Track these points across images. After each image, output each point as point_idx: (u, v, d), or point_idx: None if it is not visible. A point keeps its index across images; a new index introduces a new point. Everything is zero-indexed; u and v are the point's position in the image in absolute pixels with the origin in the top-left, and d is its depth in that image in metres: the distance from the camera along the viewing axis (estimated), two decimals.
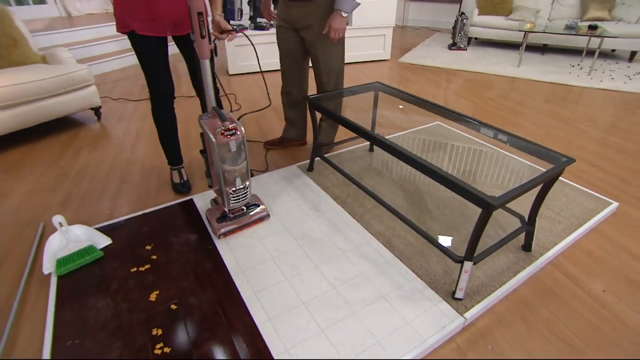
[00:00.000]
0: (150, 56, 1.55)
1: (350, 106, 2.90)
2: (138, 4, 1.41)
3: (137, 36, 1.48)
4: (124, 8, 1.44)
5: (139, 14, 1.44)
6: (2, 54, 2.38)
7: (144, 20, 1.45)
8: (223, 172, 1.34)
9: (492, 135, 1.46)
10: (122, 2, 1.43)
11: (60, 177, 2.07)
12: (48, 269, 1.39)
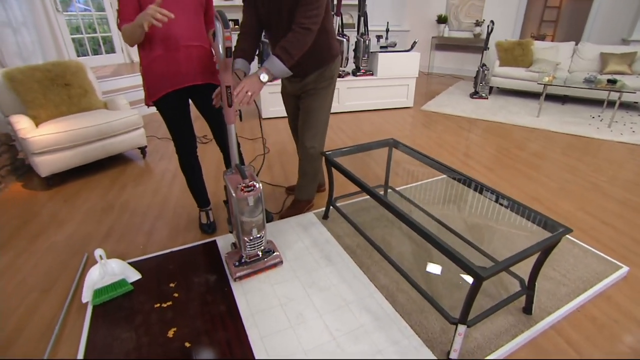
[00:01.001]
0: (174, 112, 1.69)
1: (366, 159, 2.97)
2: (161, 66, 1.55)
3: (162, 100, 1.63)
4: (152, 76, 1.58)
5: (162, 75, 1.57)
6: (74, 102, 2.66)
7: (166, 78, 1.58)
8: (241, 222, 1.43)
9: (494, 199, 1.47)
10: (150, 71, 1.57)
11: (107, 209, 2.24)
12: (86, 298, 1.51)
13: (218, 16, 1.17)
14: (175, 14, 1.52)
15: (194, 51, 1.61)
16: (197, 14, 1.62)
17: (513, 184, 2.55)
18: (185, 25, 1.57)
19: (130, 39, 1.48)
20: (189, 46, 1.59)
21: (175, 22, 1.53)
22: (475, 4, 6.22)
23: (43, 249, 1.90)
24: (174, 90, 1.62)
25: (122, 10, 1.49)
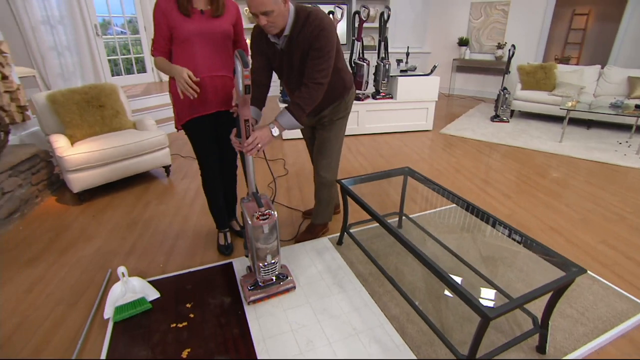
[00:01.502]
0: (201, 136, 1.79)
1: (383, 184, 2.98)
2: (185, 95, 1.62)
3: (190, 122, 1.73)
4: (181, 102, 1.69)
5: (189, 102, 1.68)
6: (106, 123, 2.83)
7: (193, 105, 1.69)
8: (256, 249, 1.48)
9: (507, 234, 1.46)
10: (179, 97, 1.66)
11: (131, 226, 2.34)
12: (108, 314, 1.58)
13: (238, 56, 1.24)
14: (202, 46, 1.63)
15: (219, 81, 1.71)
16: (225, 45, 1.71)
17: (531, 212, 2.50)
18: (212, 56, 1.67)
19: (161, 71, 1.65)
20: (214, 76, 1.69)
21: (202, 54, 1.64)
22: (497, 26, 6.22)
23: (71, 262, 2.00)
24: (200, 116, 1.73)
25: (156, 41, 1.63)
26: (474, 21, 6.39)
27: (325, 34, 1.48)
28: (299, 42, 1.53)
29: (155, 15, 1.59)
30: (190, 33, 1.59)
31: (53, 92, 2.73)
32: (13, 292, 1.78)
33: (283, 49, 1.60)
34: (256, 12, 1.40)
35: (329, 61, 1.53)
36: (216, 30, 1.64)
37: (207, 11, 1.62)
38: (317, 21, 1.48)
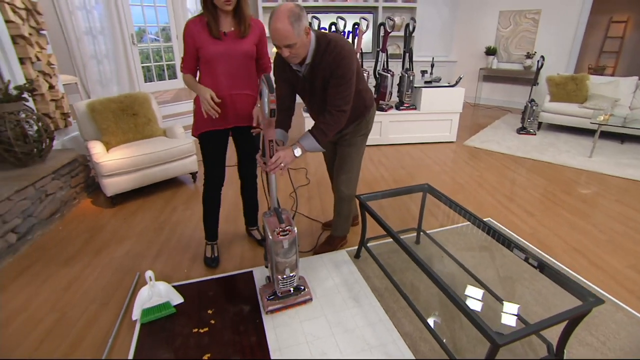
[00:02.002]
0: (212, 148, 1.87)
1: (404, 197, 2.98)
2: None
3: (206, 134, 1.82)
4: (200, 114, 1.78)
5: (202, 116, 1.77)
6: (139, 130, 2.99)
7: (210, 119, 1.76)
8: (276, 262, 1.54)
9: (523, 258, 1.46)
10: (199, 109, 1.77)
11: (158, 230, 2.47)
12: (135, 316, 1.68)
13: (265, 80, 1.31)
14: (225, 66, 1.72)
15: (239, 99, 1.79)
16: (246, 65, 1.78)
17: (555, 232, 2.44)
18: (234, 75, 1.75)
19: (189, 87, 1.77)
20: (235, 94, 1.77)
21: (225, 73, 1.72)
22: (527, 35, 6.07)
23: (103, 263, 2.14)
24: (216, 129, 1.82)
25: (185, 59, 1.75)
26: (503, 30, 6.27)
27: (345, 63, 1.53)
28: (320, 69, 1.58)
29: (185, 37, 1.69)
30: (215, 54, 1.68)
31: (92, 100, 2.91)
32: (53, 289, 1.93)
33: (305, 76, 1.65)
34: (279, 45, 1.45)
35: (350, 88, 1.58)
36: (239, 51, 1.71)
37: (233, 33, 1.69)
38: (338, 49, 1.53)
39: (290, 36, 1.41)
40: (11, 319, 1.73)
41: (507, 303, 1.70)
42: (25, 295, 1.89)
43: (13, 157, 2.49)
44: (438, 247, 2.13)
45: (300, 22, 1.41)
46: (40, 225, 2.46)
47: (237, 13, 1.67)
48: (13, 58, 2.70)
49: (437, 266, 2.04)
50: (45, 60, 3.00)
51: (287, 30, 1.39)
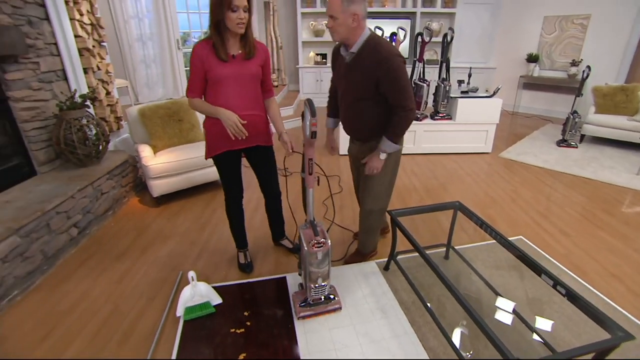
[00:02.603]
0: (228, 168, 1.97)
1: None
2: (220, 130, 1.78)
3: (220, 155, 1.90)
4: (212, 136, 1.86)
5: (219, 137, 1.84)
6: (183, 135, 3.20)
7: (222, 140, 1.84)
8: (309, 272, 1.65)
9: (552, 284, 1.48)
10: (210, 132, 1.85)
11: (199, 231, 2.65)
12: (179, 313, 1.85)
13: (307, 104, 1.42)
14: (234, 87, 1.78)
15: (248, 119, 1.81)
16: (254, 86, 1.86)
17: (591, 255, 2.39)
18: (242, 97, 1.81)
19: (199, 111, 1.84)
20: (243, 115, 1.80)
21: (233, 95, 1.78)
22: (573, 42, 5.83)
23: (150, 261, 2.34)
24: (229, 150, 1.89)
25: (192, 83, 1.77)
26: (547, 36, 6.05)
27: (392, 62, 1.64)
28: (362, 62, 1.71)
29: (193, 60, 1.71)
30: (223, 76, 1.73)
31: (142, 106, 3.15)
32: (107, 282, 2.14)
33: (349, 63, 1.78)
34: (327, 14, 1.65)
35: (404, 83, 1.68)
36: (247, 72, 1.79)
37: (240, 55, 1.76)
38: (384, 53, 1.65)
39: (336, 9, 1.59)
40: (74, 307, 1.95)
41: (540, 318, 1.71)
42: (84, 285, 2.12)
43: (75, 158, 2.76)
44: (466, 264, 2.15)
45: (350, 4, 1.59)
46: (96, 221, 2.72)
47: (244, 36, 1.74)
48: (79, 69, 2.98)
49: (464, 283, 2.07)
50: (105, 69, 3.28)
51: (336, 4, 1.59)
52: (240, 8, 1.61)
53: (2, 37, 2.27)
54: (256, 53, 1.81)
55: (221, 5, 1.60)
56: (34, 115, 2.64)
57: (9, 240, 1.99)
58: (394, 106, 1.73)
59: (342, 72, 1.85)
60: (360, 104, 1.83)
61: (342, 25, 1.63)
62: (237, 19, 1.62)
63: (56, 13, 2.78)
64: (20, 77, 2.52)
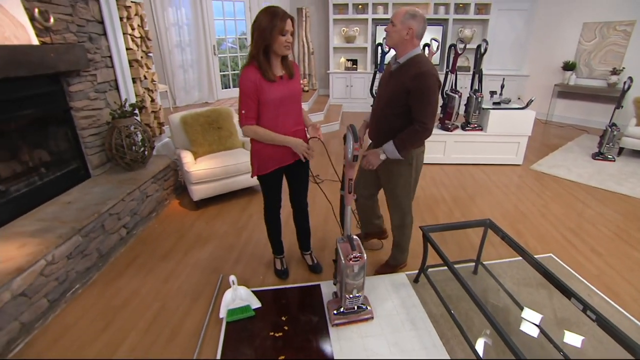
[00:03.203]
0: (275, 184, 2.10)
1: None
2: (271, 150, 1.92)
3: (269, 174, 2.02)
4: (263, 157, 1.98)
5: (270, 157, 1.97)
6: (222, 142, 3.40)
7: (273, 159, 1.97)
8: (345, 283, 1.77)
9: (581, 309, 1.54)
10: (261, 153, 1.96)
11: (236, 236, 2.83)
12: (222, 314, 2.01)
13: (350, 130, 1.54)
14: (283, 106, 1.90)
15: (296, 135, 1.96)
16: (298, 103, 1.98)
17: (624, 276, 2.39)
18: (291, 114, 1.95)
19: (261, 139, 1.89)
20: (294, 131, 1.95)
21: (283, 113, 1.91)
22: (615, 49, 5.67)
23: (192, 262, 2.53)
24: (278, 167, 2.02)
25: (248, 110, 1.83)
26: (585, 43, 5.90)
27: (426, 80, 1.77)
28: (404, 72, 1.85)
29: (245, 86, 1.78)
30: (275, 96, 1.85)
31: (184, 114, 3.36)
32: (154, 281, 2.35)
33: (392, 72, 1.94)
34: (391, 19, 1.85)
35: (430, 107, 1.81)
36: (292, 91, 1.92)
37: (284, 75, 1.89)
38: (423, 68, 1.78)
39: (399, 17, 1.80)
40: (127, 302, 2.16)
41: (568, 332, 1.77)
42: (135, 283, 2.32)
43: (124, 162, 3.00)
44: (495, 280, 2.22)
45: (410, 19, 1.78)
46: (141, 222, 2.94)
47: (284, 58, 1.88)
48: (129, 79, 3.22)
49: (492, 299, 2.14)
50: (150, 78, 3.52)
51: (399, 14, 1.80)
52: (289, 32, 1.76)
53: (69, 55, 2.52)
54: (295, 71, 1.95)
55: (272, 31, 1.72)
56: (91, 123, 2.90)
57: (73, 239, 2.22)
58: (414, 119, 1.85)
59: (386, 78, 2.01)
60: (391, 112, 1.94)
61: (397, 33, 1.81)
62: (285, 42, 1.76)
63: (112, 29, 3.02)
64: (81, 89, 2.78)
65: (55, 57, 2.41)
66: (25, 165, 2.51)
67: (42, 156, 2.63)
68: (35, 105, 2.48)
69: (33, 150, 2.57)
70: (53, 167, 2.69)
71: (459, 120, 4.22)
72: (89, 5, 2.86)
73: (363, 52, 6.76)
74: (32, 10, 2.33)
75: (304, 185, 2.22)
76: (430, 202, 3.42)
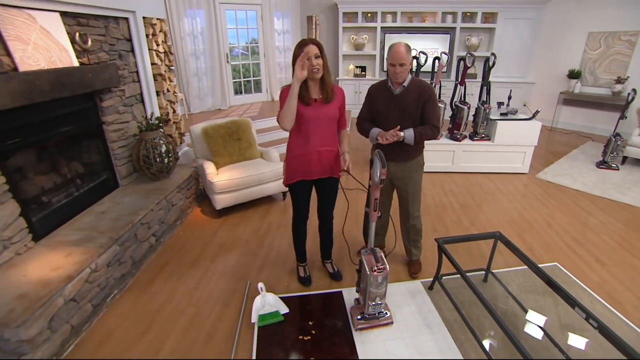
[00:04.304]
0: (300, 195, 2.31)
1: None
2: (297, 163, 2.16)
3: (296, 184, 2.24)
4: (290, 168, 2.21)
5: (296, 169, 2.19)
6: (242, 153, 3.60)
7: (299, 171, 2.20)
8: (369, 291, 1.97)
9: (584, 317, 1.73)
10: (289, 164, 2.20)
11: (259, 244, 3.03)
12: (254, 319, 2.21)
13: (378, 156, 1.74)
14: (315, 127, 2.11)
15: (324, 154, 2.18)
16: (331, 125, 2.19)
17: (626, 285, 2.55)
18: (320, 134, 2.14)
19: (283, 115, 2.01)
20: (320, 151, 2.17)
21: (314, 133, 2.12)
22: (619, 58, 5.84)
23: (219, 270, 2.73)
24: (304, 180, 2.23)
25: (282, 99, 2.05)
26: (590, 52, 6.08)
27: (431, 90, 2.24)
28: (412, 92, 2.23)
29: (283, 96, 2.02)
30: (306, 117, 2.06)
31: (205, 125, 3.56)
32: (185, 287, 2.54)
33: (398, 95, 2.25)
34: (395, 64, 2.11)
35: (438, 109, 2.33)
36: (326, 114, 2.12)
37: (320, 99, 2.09)
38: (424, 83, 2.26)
39: (405, 58, 2.10)
40: (162, 307, 2.36)
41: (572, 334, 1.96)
42: (168, 288, 2.52)
43: (150, 173, 3.20)
44: (503, 288, 2.41)
45: (409, 53, 2.14)
46: (168, 230, 3.15)
47: (322, 82, 2.07)
48: (153, 92, 3.42)
49: (502, 306, 2.33)
50: (172, 90, 3.72)
51: (404, 54, 2.09)
52: (312, 56, 1.95)
53: (104, 74, 2.72)
54: (334, 97, 2.14)
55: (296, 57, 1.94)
56: (120, 136, 3.10)
57: (112, 248, 2.42)
58: (428, 122, 2.24)
59: (390, 102, 2.28)
60: (412, 123, 2.26)
61: (407, 69, 2.15)
62: (311, 67, 1.97)
63: (139, 45, 3.22)
64: (111, 104, 2.98)
65: (93, 77, 2.62)
66: (64, 177, 2.71)
67: (77, 168, 2.83)
68: (73, 121, 2.68)
69: (70, 163, 2.78)
70: (87, 179, 2.89)
71: (467, 130, 4.41)
72: (119, 25, 3.06)
73: (372, 59, 6.95)
74: (73, 34, 2.53)
75: (332, 199, 2.41)
76: (439, 209, 3.61)
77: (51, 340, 1.93)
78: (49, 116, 2.46)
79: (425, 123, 2.26)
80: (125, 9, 3.04)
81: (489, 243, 2.60)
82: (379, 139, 2.26)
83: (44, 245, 2.35)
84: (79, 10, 2.58)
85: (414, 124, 2.26)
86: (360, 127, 2.46)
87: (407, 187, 2.44)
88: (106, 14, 2.85)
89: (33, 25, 2.27)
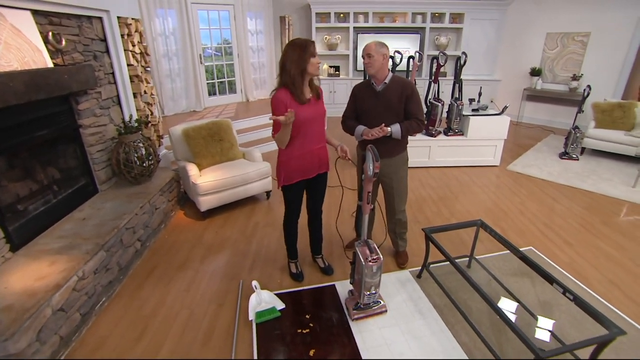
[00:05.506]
0: (297, 194, 2.36)
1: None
2: (297, 163, 2.19)
3: (292, 185, 2.28)
4: (288, 169, 2.23)
5: (295, 169, 2.23)
6: (224, 153, 3.59)
7: (298, 171, 2.24)
8: (364, 282, 2.06)
9: (561, 291, 1.90)
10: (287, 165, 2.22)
11: (247, 244, 3.05)
12: (251, 317, 2.24)
13: (371, 150, 1.83)
14: (312, 126, 2.19)
15: (319, 152, 2.27)
16: (323, 122, 2.28)
17: (591, 263, 2.81)
18: (317, 133, 2.23)
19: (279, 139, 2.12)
20: (316, 149, 2.25)
21: (311, 132, 2.19)
22: (574, 57, 6.30)
23: (210, 271, 2.73)
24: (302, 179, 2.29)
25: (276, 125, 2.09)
26: (549, 51, 6.52)
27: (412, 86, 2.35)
28: (394, 89, 2.33)
29: (277, 106, 2.04)
30: (305, 116, 2.11)
31: (186, 127, 3.53)
32: (177, 290, 2.53)
33: (380, 92, 2.35)
34: (364, 55, 2.27)
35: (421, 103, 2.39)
36: (320, 112, 2.21)
37: (312, 98, 2.17)
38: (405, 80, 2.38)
39: (372, 50, 2.23)
40: (155, 312, 2.34)
41: (542, 318, 2.14)
42: (158, 292, 2.50)
43: (131, 176, 3.14)
44: (486, 272, 2.58)
45: (381, 48, 2.25)
46: (153, 234, 3.10)
47: (311, 81, 2.17)
48: (130, 94, 3.36)
49: (486, 289, 2.49)
50: (149, 92, 3.66)
51: (371, 46, 2.24)
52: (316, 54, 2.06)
53: (80, 75, 2.66)
54: (321, 94, 2.23)
55: (305, 54, 2.00)
56: (98, 139, 3.02)
57: (99, 255, 2.37)
58: (412, 116, 2.35)
59: (374, 99, 2.38)
60: (396, 118, 2.36)
61: (376, 62, 2.24)
62: (316, 63, 2.05)
63: (114, 46, 3.16)
64: (88, 107, 2.91)
65: (69, 78, 2.55)
66: (40, 184, 2.62)
67: (54, 174, 2.74)
68: (48, 125, 2.60)
69: (46, 169, 2.68)
70: (65, 185, 2.80)
71: (441, 126, 4.61)
72: (93, 25, 2.98)
73: (345, 59, 7.08)
74: (46, 33, 2.46)
75: (321, 194, 2.49)
76: (420, 202, 3.78)
77: (41, 353, 1.88)
78: (23, 120, 2.37)
79: (410, 118, 2.37)
80: (99, 7, 2.97)
81: (469, 232, 2.77)
82: (364, 135, 2.36)
83: (24, 255, 2.27)
84: (50, 9, 2.51)
85: (398, 120, 2.37)
86: (345, 125, 2.55)
87: (392, 183, 2.54)
88: (79, 13, 2.78)
89: (3, 24, 2.18)
